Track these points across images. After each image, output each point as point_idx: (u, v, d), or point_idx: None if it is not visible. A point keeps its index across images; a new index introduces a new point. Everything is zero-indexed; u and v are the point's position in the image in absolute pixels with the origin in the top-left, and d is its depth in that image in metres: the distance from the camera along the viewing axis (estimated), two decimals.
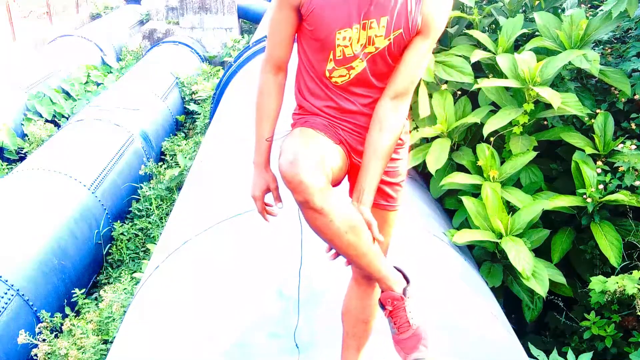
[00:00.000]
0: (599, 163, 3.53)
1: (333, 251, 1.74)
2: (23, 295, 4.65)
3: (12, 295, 4.57)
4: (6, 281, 4.58)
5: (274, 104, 1.86)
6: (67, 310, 4.88)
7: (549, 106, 3.57)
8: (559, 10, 4.39)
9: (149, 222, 6.48)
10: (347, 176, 1.94)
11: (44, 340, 4.27)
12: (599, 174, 3.46)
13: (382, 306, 1.80)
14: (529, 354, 2.81)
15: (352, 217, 1.62)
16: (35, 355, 4.22)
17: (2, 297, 4.49)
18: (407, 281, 1.80)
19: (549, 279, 3.25)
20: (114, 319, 4.35)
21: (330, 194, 1.56)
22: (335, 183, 1.84)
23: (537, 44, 3.77)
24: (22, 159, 8.31)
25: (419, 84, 3.85)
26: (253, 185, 1.89)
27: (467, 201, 3.55)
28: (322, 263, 1.95)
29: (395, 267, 1.81)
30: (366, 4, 1.64)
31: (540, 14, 3.90)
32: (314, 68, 1.78)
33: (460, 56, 4.01)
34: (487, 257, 3.60)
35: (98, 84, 11.19)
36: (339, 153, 1.77)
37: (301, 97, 1.87)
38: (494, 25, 4.59)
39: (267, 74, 1.85)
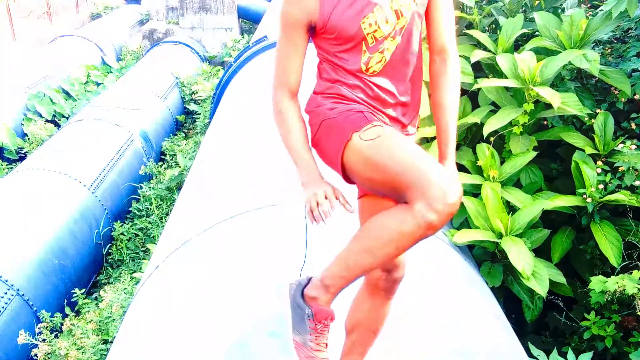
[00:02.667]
0: (599, 163, 3.52)
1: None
2: (23, 295, 4.65)
3: (12, 295, 4.57)
4: (6, 281, 4.58)
5: (299, 125, 1.81)
6: (67, 310, 4.88)
7: (549, 106, 3.57)
8: (559, 10, 4.39)
9: (149, 222, 6.48)
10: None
11: (44, 340, 4.27)
12: (599, 174, 3.46)
13: (314, 317, 1.72)
14: (529, 354, 2.81)
15: None
16: (35, 355, 4.22)
17: (2, 297, 4.49)
18: None
19: (549, 279, 3.25)
20: (114, 319, 4.35)
21: None
22: None
23: (537, 44, 3.77)
24: (22, 159, 8.31)
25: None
26: (309, 204, 1.69)
27: (467, 201, 3.55)
28: (321, 263, 1.94)
29: None
30: None
31: (540, 14, 3.90)
32: (348, 68, 1.74)
33: (460, 56, 4.00)
34: (487, 257, 3.59)
35: (98, 84, 11.19)
36: None
37: (336, 85, 1.78)
38: (494, 25, 4.60)
39: (284, 101, 1.82)
